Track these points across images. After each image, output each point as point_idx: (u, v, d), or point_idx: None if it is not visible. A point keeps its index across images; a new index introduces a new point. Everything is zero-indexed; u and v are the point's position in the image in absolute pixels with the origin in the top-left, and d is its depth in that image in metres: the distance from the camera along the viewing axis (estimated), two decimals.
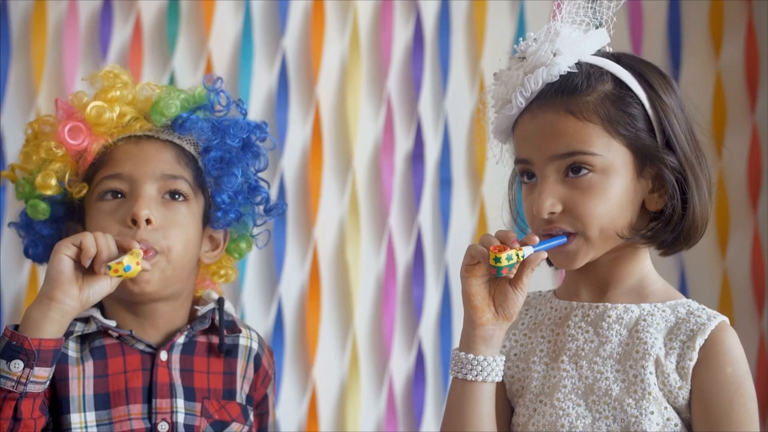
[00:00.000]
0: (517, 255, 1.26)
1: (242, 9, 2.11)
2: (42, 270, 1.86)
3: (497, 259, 1.26)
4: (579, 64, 1.33)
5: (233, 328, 1.54)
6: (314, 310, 2.07)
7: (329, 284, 2.10)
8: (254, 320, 2.05)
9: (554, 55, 1.32)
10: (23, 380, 1.32)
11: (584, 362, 1.34)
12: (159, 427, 1.43)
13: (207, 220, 1.54)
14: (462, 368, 1.31)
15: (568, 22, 1.37)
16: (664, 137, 1.32)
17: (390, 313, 2.10)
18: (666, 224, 1.32)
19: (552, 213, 1.31)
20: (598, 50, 1.38)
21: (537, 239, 1.29)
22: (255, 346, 1.55)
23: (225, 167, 1.53)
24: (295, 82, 2.12)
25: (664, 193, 1.32)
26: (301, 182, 2.11)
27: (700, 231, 1.34)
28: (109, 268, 1.36)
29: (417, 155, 2.14)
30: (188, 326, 1.49)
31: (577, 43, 1.34)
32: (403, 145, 2.15)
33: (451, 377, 1.34)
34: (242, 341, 1.54)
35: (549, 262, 1.37)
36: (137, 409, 1.43)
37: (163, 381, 1.45)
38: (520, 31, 2.18)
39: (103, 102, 1.50)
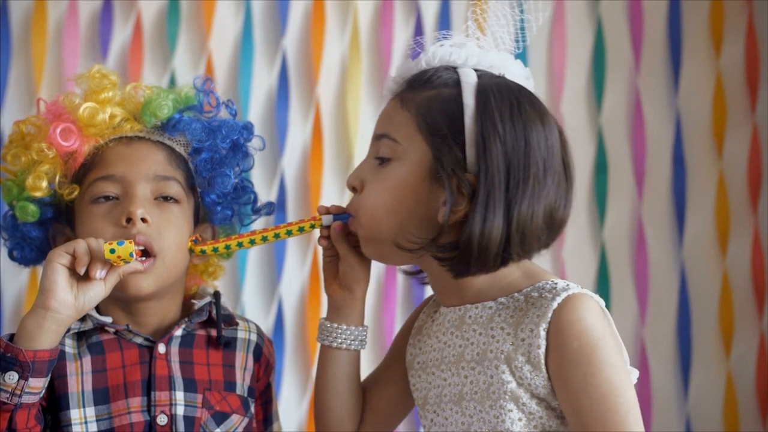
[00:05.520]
0: (312, 224, 1.41)
1: (242, 9, 2.11)
2: (40, 270, 1.86)
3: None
4: (441, 68, 1.34)
5: (230, 321, 1.54)
6: (314, 310, 2.07)
7: None
8: (254, 320, 2.04)
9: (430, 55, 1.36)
10: (18, 392, 1.32)
11: (455, 368, 1.33)
12: (158, 420, 1.43)
13: (197, 221, 1.54)
14: (319, 333, 1.46)
15: (478, 25, 1.38)
16: (477, 157, 1.28)
17: (390, 314, 2.10)
18: (433, 239, 1.29)
19: (354, 189, 1.37)
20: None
21: (343, 208, 1.40)
22: (254, 337, 1.55)
23: (217, 168, 1.53)
24: (296, 82, 2.12)
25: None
26: (302, 182, 2.11)
27: (478, 259, 1.27)
28: (109, 257, 1.35)
29: None
30: (186, 319, 1.50)
31: (450, 51, 1.35)
32: None
33: None
34: (240, 334, 1.54)
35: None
36: (136, 402, 1.43)
37: (162, 373, 1.45)
38: (521, 31, 2.17)
39: (95, 103, 1.50)
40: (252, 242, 1.44)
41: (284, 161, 2.09)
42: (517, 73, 1.38)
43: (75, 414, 1.41)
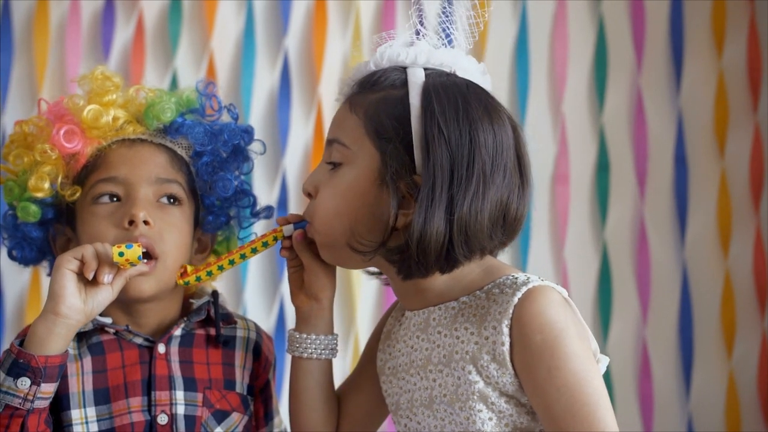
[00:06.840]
0: (275, 236, 1.40)
1: (244, 8, 2.11)
2: (41, 270, 1.87)
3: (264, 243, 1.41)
4: (389, 68, 1.32)
5: (228, 320, 1.55)
6: None
7: None
8: (256, 319, 2.03)
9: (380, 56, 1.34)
10: (30, 397, 1.33)
11: (423, 372, 1.32)
12: (158, 420, 1.43)
13: (197, 223, 1.55)
14: (288, 344, 1.46)
15: (415, 27, 1.36)
16: (422, 158, 1.26)
17: None
18: (382, 242, 1.28)
19: (310, 195, 1.36)
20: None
21: (301, 216, 1.38)
22: (253, 335, 1.56)
23: (218, 172, 1.54)
24: (298, 81, 2.12)
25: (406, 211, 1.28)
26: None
27: (419, 261, 1.25)
28: (118, 260, 1.36)
29: None
30: (185, 318, 1.50)
31: (398, 51, 1.33)
32: None
33: None
34: (239, 332, 1.54)
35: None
36: (137, 402, 1.43)
37: (162, 373, 1.45)
38: (522, 31, 2.18)
39: (98, 105, 1.50)
40: (221, 268, 1.43)
41: (286, 161, 2.09)
42: (469, 69, 1.35)
43: (76, 414, 1.42)
